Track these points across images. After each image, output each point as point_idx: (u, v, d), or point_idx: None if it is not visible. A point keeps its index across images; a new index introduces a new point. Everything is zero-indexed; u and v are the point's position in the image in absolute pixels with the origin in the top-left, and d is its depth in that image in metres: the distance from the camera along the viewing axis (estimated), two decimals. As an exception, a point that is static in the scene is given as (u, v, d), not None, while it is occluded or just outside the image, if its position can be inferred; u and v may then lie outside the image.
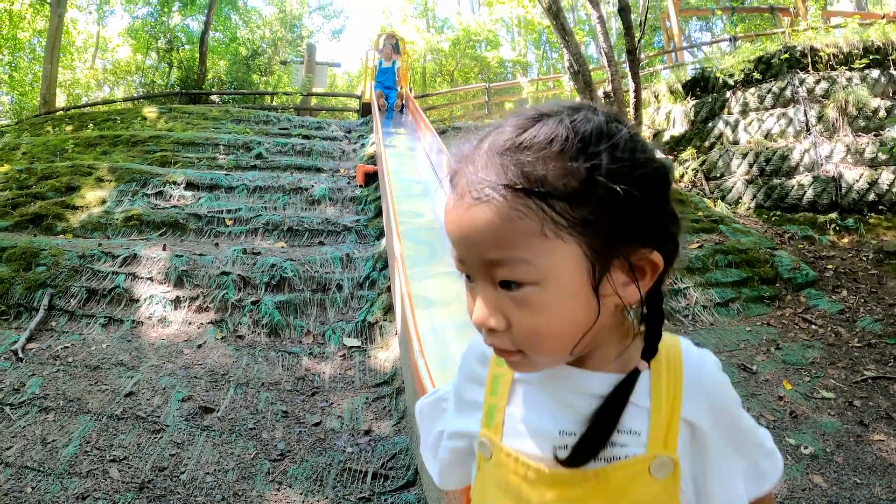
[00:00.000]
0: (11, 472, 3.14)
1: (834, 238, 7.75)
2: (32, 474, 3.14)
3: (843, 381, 4.62)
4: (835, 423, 4.02)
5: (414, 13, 36.17)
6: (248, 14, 28.28)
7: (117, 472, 3.18)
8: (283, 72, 24.69)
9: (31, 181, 7.78)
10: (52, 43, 18.34)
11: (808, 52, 9.58)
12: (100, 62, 28.68)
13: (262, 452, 3.46)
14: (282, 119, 12.53)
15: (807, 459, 3.59)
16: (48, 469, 3.18)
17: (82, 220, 6.88)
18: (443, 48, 28.82)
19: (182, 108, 13.21)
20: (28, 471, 3.16)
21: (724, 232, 7.60)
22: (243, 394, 4.09)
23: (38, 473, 3.15)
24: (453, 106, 21.67)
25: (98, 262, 5.58)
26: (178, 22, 24.38)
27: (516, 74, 28.35)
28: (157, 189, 7.61)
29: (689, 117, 11.07)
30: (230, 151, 9.60)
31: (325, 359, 4.72)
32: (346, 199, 7.89)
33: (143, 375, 4.20)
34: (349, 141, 11.15)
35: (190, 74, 21.31)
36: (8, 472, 3.13)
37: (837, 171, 8.25)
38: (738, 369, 4.78)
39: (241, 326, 5.03)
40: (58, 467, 3.20)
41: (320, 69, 21.80)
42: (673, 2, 18.39)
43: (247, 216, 7.03)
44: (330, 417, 3.91)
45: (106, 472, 3.17)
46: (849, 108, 8.61)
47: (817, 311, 5.96)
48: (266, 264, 5.69)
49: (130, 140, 9.87)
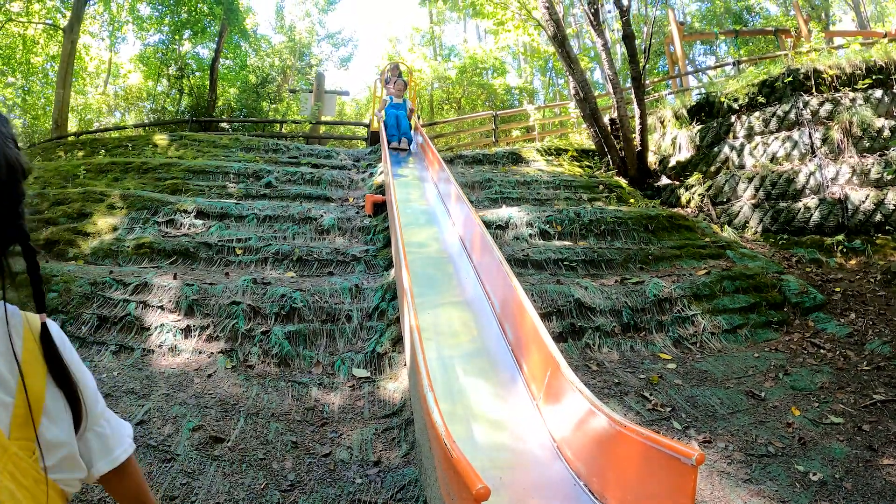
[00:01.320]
0: (25, 503, 3.17)
1: (841, 260, 7.75)
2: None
3: (851, 406, 4.61)
4: (844, 449, 4.01)
5: (421, 41, 36.57)
6: (257, 42, 28.58)
7: None
8: (292, 100, 24.90)
9: (44, 206, 7.89)
10: (64, 68, 18.65)
11: (811, 74, 9.63)
12: (111, 88, 29.05)
13: (272, 483, 3.48)
14: (291, 147, 12.65)
15: (816, 486, 3.59)
16: (61, 500, 3.21)
17: (94, 246, 6.97)
18: (450, 76, 29.01)
19: (192, 135, 13.36)
20: (41, 502, 3.19)
21: (731, 257, 7.62)
22: (253, 424, 4.12)
23: None
24: (461, 133, 21.79)
25: (109, 290, 5.64)
26: (188, 49, 24.66)
27: (523, 101, 28.47)
28: (167, 217, 7.71)
29: (695, 142, 11.13)
30: (240, 180, 9.71)
31: (334, 389, 4.75)
32: (354, 228, 7.96)
33: (154, 404, 4.24)
34: (358, 170, 11.25)
35: (200, 101, 21.57)
36: None
37: (843, 193, 8.26)
38: (746, 396, 4.78)
39: (251, 356, 5.07)
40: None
41: (329, 97, 22.00)
42: (676, 27, 18.57)
43: (257, 245, 7.10)
44: (339, 448, 3.93)
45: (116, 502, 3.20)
46: (853, 129, 8.63)
47: (826, 335, 5.96)
48: (276, 294, 5.74)
49: (142, 167, 10.00)
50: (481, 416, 3.91)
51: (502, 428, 3.79)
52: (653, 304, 6.13)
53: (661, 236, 8.13)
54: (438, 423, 2.62)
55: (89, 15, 24.41)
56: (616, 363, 5.29)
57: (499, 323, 5.00)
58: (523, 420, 3.84)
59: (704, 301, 6.34)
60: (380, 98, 14.86)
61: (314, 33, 33.50)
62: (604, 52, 11.61)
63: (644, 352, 5.55)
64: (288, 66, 27.72)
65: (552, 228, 7.85)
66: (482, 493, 2.04)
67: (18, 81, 24.28)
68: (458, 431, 3.59)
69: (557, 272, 6.82)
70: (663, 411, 4.49)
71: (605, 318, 5.86)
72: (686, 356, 5.52)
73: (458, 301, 5.62)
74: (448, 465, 2.39)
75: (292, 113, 23.64)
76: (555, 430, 3.60)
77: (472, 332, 5.06)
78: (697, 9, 33.44)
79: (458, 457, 2.30)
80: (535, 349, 4.12)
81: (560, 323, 5.68)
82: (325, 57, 34.65)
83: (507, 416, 3.91)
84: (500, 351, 4.68)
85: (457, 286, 5.92)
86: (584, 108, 11.86)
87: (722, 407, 4.60)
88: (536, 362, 4.08)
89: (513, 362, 4.49)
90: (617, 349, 5.53)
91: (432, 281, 5.99)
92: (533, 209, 8.34)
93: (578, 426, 3.31)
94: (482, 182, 10.21)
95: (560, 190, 10.25)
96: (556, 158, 12.79)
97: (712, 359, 5.49)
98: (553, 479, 3.27)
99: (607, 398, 4.61)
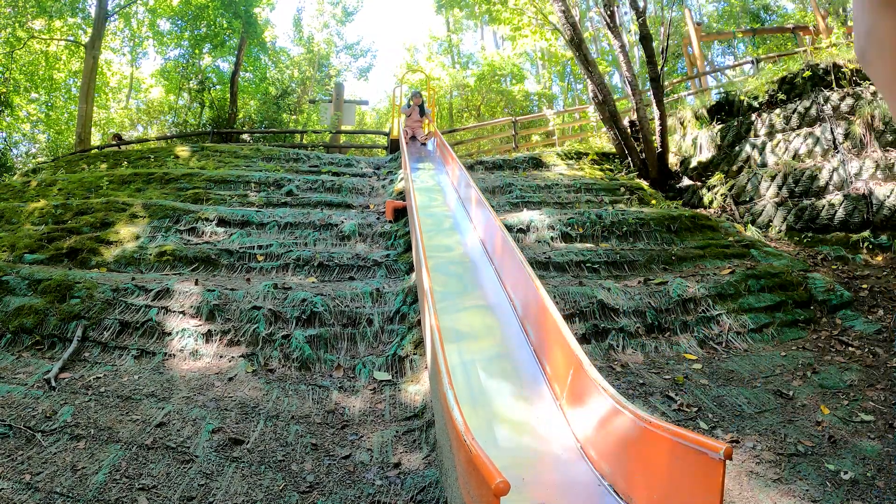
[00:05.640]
0: (41, 497, 3.18)
1: (867, 257, 7.60)
2: (62, 500, 3.18)
3: (882, 403, 4.50)
4: (875, 447, 3.90)
5: (438, 50, 36.69)
6: (277, 55, 28.87)
7: (146, 501, 3.20)
8: (311, 110, 25.10)
9: (67, 216, 8.00)
10: (86, 83, 18.99)
11: (830, 68, 9.51)
12: (133, 102, 29.47)
13: (291, 484, 3.46)
14: (311, 157, 12.74)
15: (847, 485, 3.49)
16: (77, 495, 3.22)
17: (116, 254, 7.04)
18: (468, 83, 29.08)
19: (214, 146, 13.49)
20: (57, 496, 3.20)
21: (755, 256, 7.51)
22: (273, 426, 4.11)
23: (67, 499, 3.19)
24: (480, 140, 21.79)
25: (131, 296, 5.69)
26: (209, 63, 24.96)
27: (542, 107, 28.42)
28: (189, 225, 7.77)
29: (716, 142, 11.01)
30: (261, 189, 9.77)
31: (355, 392, 4.72)
32: (375, 234, 7.96)
33: (174, 406, 4.25)
34: (378, 177, 11.28)
35: (221, 114, 21.81)
36: (37, 497, 3.17)
37: (868, 188, 8.10)
38: (774, 395, 4.68)
39: (272, 360, 5.07)
40: (87, 494, 3.23)
41: (348, 107, 22.16)
42: (694, 27, 18.44)
43: (278, 252, 7.12)
44: (359, 450, 3.90)
45: (135, 501, 3.20)
46: (875, 123, 8.48)
47: (854, 333, 5.84)
48: (297, 299, 5.74)
49: (164, 178, 10.10)
50: (503, 418, 3.86)
51: (525, 429, 3.73)
52: (677, 305, 6.04)
53: (684, 237, 8.03)
54: (458, 419, 2.58)
55: (110, 31, 24.83)
56: (640, 364, 5.21)
57: (521, 325, 4.95)
58: (546, 420, 3.78)
59: (729, 300, 6.23)
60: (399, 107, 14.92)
61: (332, 44, 33.81)
62: (621, 55, 11.55)
63: (669, 352, 5.47)
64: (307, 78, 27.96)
65: (574, 231, 7.78)
66: (501, 487, 1.99)
67: (42, 97, 24.73)
68: (479, 433, 3.55)
69: (580, 274, 6.76)
70: (689, 411, 4.41)
71: (629, 319, 5.78)
72: (712, 356, 5.43)
73: (479, 304, 5.58)
74: (467, 460, 2.35)
75: (312, 123, 23.83)
76: (578, 430, 3.54)
77: (494, 335, 5.01)
78: (714, 8, 33.28)
79: (476, 452, 2.26)
80: (557, 349, 4.06)
81: (583, 324, 5.61)
82: (344, 67, 34.97)
83: (530, 416, 3.86)
84: (523, 353, 4.63)
85: (478, 289, 5.88)
86: (603, 112, 11.79)
87: (749, 406, 4.51)
88: (559, 362, 4.03)
89: (535, 364, 4.44)
90: (641, 350, 5.45)
91: (454, 285, 5.95)
92: (554, 212, 8.28)
93: (602, 425, 3.25)
94: (503, 187, 10.18)
95: (581, 193, 10.18)
96: (577, 162, 12.72)
97: (738, 358, 5.39)
98: (577, 479, 3.21)
99: (632, 399, 4.54)
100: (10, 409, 4.12)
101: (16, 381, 4.60)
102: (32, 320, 5.43)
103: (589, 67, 11.50)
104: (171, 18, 24.49)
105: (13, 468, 3.43)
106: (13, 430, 3.85)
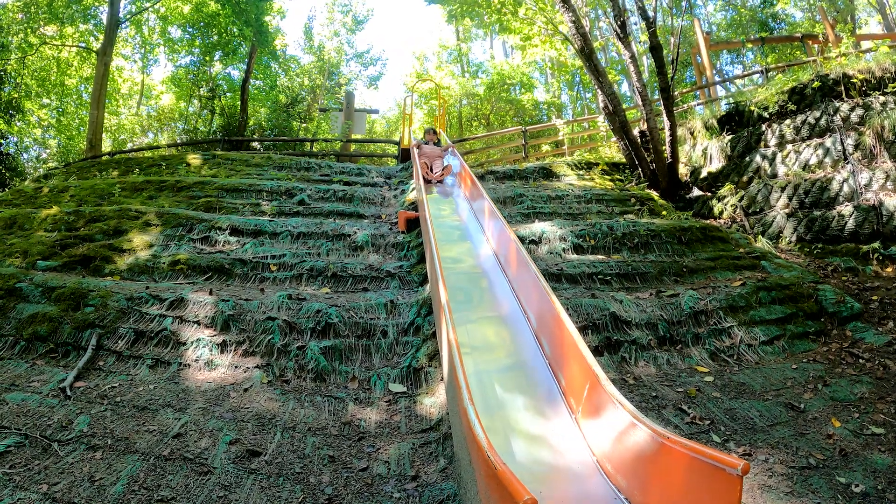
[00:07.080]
0: (62, 510, 3.22)
1: (877, 268, 7.59)
2: (83, 513, 3.21)
3: (893, 416, 4.50)
4: (886, 460, 3.91)
5: (448, 59, 36.79)
6: (287, 63, 29.06)
7: (169, 516, 3.24)
8: (322, 118, 25.21)
9: (80, 223, 8.06)
10: (98, 89, 19.14)
11: (840, 79, 9.51)
12: (144, 109, 29.67)
13: (309, 497, 3.49)
14: (322, 165, 12.79)
15: (858, 498, 3.50)
16: (98, 508, 3.25)
17: (129, 262, 7.09)
18: (478, 92, 29.17)
19: (225, 154, 13.58)
20: (79, 510, 3.24)
21: (766, 268, 7.52)
22: (290, 438, 4.14)
23: (89, 513, 3.22)
24: (490, 150, 21.83)
25: (146, 305, 5.74)
26: (219, 70, 25.15)
27: (551, 116, 28.45)
28: (202, 234, 7.83)
29: (726, 152, 11.03)
30: (273, 198, 9.84)
31: (370, 404, 4.76)
32: (388, 245, 8.00)
33: (191, 417, 4.29)
34: (389, 187, 11.33)
35: (231, 121, 21.94)
36: (59, 510, 3.21)
37: (878, 199, 8.09)
38: (785, 408, 4.69)
39: (287, 371, 5.11)
40: (107, 506, 3.27)
41: (359, 116, 22.24)
42: (703, 37, 18.45)
43: (291, 262, 7.17)
44: (377, 463, 3.93)
45: (157, 515, 3.24)
46: (886, 134, 8.46)
47: (864, 345, 5.84)
48: (311, 310, 5.78)
49: (176, 186, 10.18)
50: (519, 431, 3.88)
51: (541, 442, 3.76)
52: (688, 317, 6.06)
53: (695, 248, 8.05)
54: (480, 436, 2.61)
55: (122, 38, 25.03)
56: (653, 376, 5.23)
57: (535, 337, 4.98)
58: (562, 434, 3.81)
59: (740, 312, 6.25)
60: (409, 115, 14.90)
61: (343, 53, 33.96)
62: (631, 65, 11.57)
63: (681, 365, 5.48)
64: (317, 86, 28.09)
65: (585, 242, 7.81)
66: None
67: (53, 102, 24.94)
68: (496, 445, 3.57)
69: (592, 286, 6.78)
70: (702, 424, 4.43)
71: (641, 331, 5.80)
72: (723, 368, 5.44)
73: (493, 316, 5.61)
74: (490, 475, 2.38)
75: (322, 132, 23.94)
76: (594, 444, 3.57)
77: (508, 346, 5.04)
78: (723, 17, 33.27)
79: (502, 469, 2.29)
80: (573, 363, 4.09)
81: (596, 336, 5.64)
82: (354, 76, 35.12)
83: (546, 430, 3.88)
84: (538, 365, 4.65)
85: (492, 301, 5.91)
86: (613, 122, 11.81)
87: (761, 419, 4.52)
88: (575, 376, 4.05)
89: (550, 376, 4.46)
90: (653, 362, 5.47)
91: (467, 296, 5.98)
92: (565, 223, 8.31)
93: (619, 439, 3.28)
94: (514, 197, 10.22)
95: (592, 204, 10.21)
96: (587, 172, 12.75)
97: (750, 371, 5.40)
98: (593, 493, 3.23)
99: (645, 412, 4.56)
100: (26, 418, 4.16)
101: (30, 388, 4.64)
102: (47, 328, 5.48)
103: (599, 78, 11.53)
104: (183, 26, 24.71)
105: (30, 478, 3.46)
106: (29, 438, 3.88)
